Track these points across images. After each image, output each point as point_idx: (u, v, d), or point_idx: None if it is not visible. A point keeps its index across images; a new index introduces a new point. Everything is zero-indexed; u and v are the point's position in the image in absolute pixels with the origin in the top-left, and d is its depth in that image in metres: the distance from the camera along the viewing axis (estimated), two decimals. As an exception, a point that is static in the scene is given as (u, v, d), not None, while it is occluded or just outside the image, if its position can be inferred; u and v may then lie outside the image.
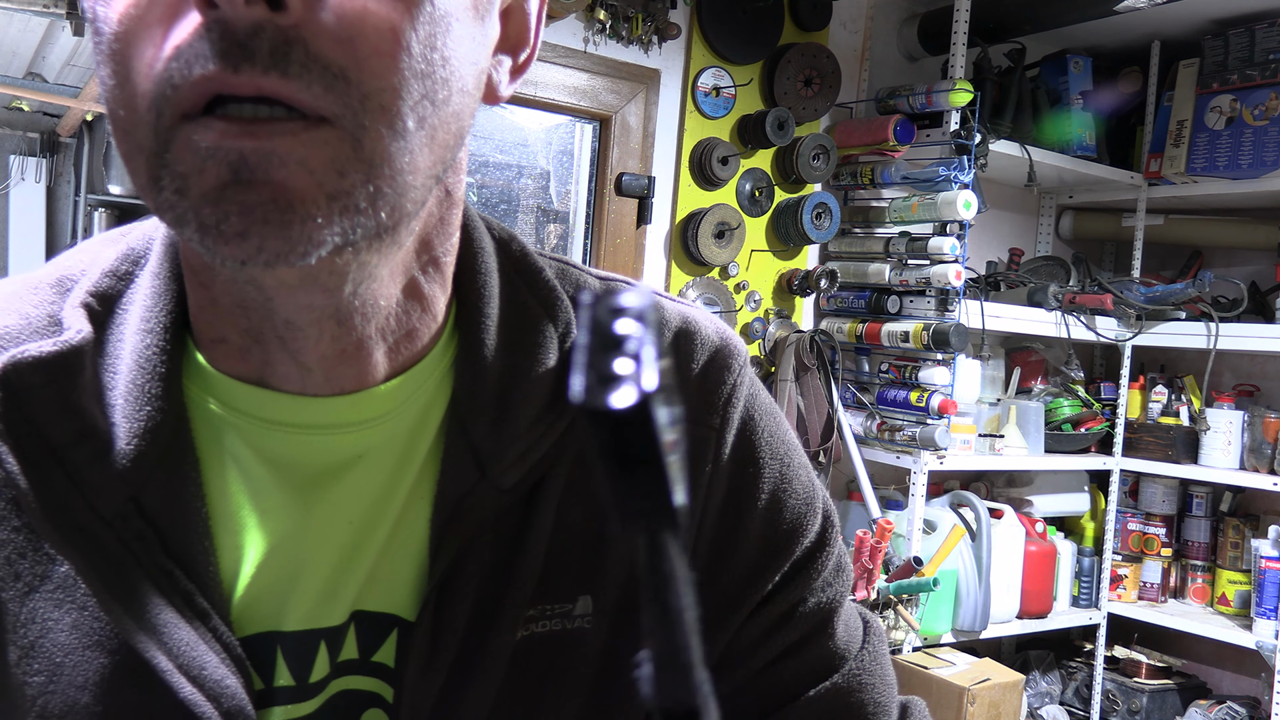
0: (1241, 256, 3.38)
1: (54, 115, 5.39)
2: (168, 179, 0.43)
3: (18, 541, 0.51)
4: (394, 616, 0.56)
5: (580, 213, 2.72)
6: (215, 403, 0.54)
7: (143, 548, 0.51)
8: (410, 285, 0.54)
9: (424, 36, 0.44)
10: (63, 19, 2.25)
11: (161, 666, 0.50)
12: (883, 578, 2.55)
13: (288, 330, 0.50)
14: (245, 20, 0.40)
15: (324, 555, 0.54)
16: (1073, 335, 3.05)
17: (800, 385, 2.77)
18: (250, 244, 0.42)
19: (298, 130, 0.42)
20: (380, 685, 0.56)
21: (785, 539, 0.63)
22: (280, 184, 0.42)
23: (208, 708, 0.50)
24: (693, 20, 2.68)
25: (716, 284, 2.77)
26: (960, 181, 2.64)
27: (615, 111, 2.61)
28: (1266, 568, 2.89)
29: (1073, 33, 3.11)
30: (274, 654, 0.54)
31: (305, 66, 0.41)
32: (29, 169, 5.50)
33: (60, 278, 0.56)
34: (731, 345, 0.64)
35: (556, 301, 0.59)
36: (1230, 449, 2.99)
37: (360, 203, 0.44)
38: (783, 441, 0.65)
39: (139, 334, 0.53)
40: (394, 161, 0.44)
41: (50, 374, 0.51)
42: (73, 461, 0.51)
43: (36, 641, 0.51)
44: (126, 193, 5.56)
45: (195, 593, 0.51)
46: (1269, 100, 2.98)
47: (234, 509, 0.54)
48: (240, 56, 0.40)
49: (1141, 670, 3.17)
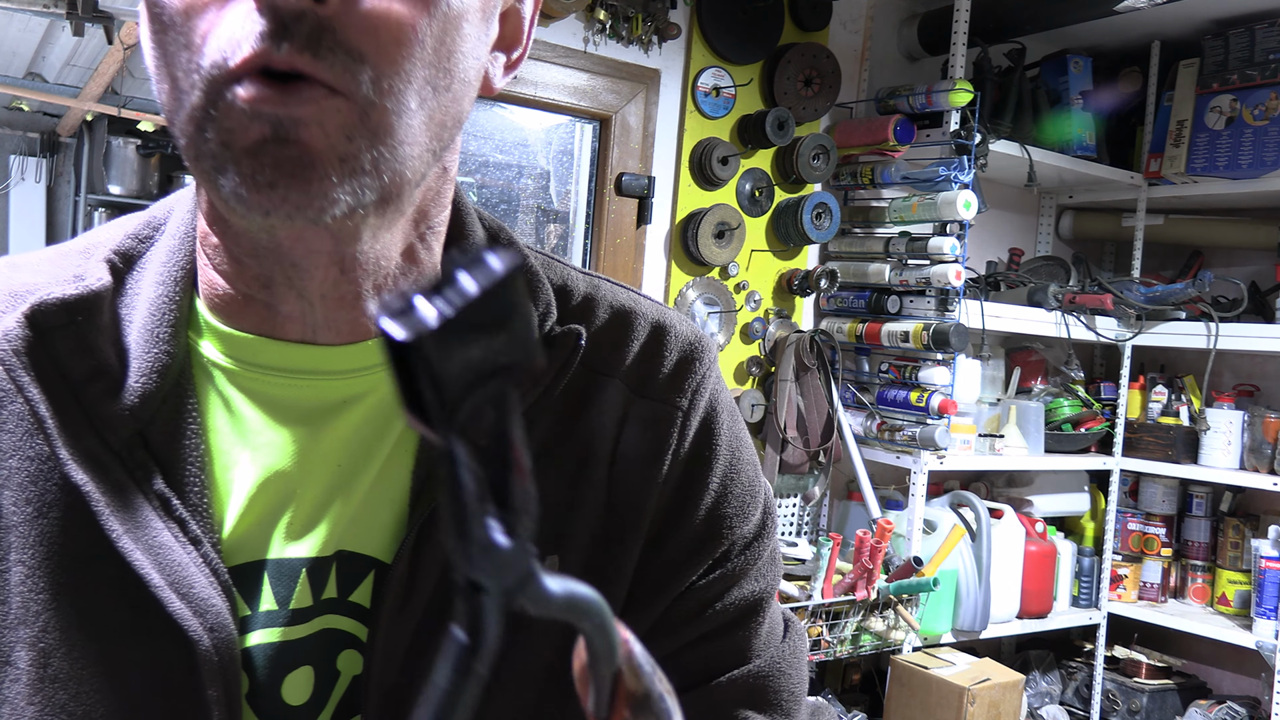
0: (1241, 256, 3.38)
1: (54, 115, 5.39)
2: (213, 131, 0.50)
3: (30, 469, 0.57)
4: (372, 559, 0.60)
5: (580, 213, 2.72)
6: (214, 350, 0.60)
7: (144, 476, 0.57)
8: (408, 250, 0.60)
9: (436, 32, 0.52)
10: (63, 19, 2.25)
11: (154, 582, 0.55)
12: (883, 578, 2.55)
13: (294, 271, 0.57)
14: (290, 7, 0.48)
15: (309, 492, 0.60)
16: (1073, 335, 3.06)
17: (800, 385, 2.77)
18: (277, 194, 0.49)
19: (319, 98, 0.49)
20: (356, 626, 0.60)
21: (728, 522, 0.68)
22: (305, 143, 0.49)
23: (194, 622, 0.55)
24: (693, 20, 2.68)
25: (716, 284, 2.77)
26: (960, 181, 2.64)
27: (615, 111, 2.61)
28: (1266, 568, 2.89)
29: (1073, 33, 3.12)
30: (259, 581, 0.59)
31: (332, 50, 0.49)
32: (29, 169, 5.50)
33: (87, 245, 0.64)
34: (703, 342, 0.70)
35: (539, 285, 0.65)
36: (1230, 449, 2.99)
37: (365, 165, 0.51)
38: (737, 436, 0.70)
39: (153, 285, 0.60)
40: (395, 134, 0.51)
41: (71, 315, 0.57)
42: (87, 396, 0.57)
43: (42, 562, 0.56)
44: (126, 193, 5.56)
45: (190, 520, 0.57)
46: (1269, 100, 2.98)
47: (227, 447, 0.60)
48: (282, 35, 0.48)
49: (1141, 670, 3.17)
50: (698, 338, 0.70)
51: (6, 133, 5.14)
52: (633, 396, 0.66)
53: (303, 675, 0.60)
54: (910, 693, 2.61)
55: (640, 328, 0.68)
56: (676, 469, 0.66)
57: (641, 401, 0.66)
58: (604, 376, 0.65)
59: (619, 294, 0.69)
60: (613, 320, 0.67)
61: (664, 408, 0.66)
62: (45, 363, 0.56)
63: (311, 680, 0.60)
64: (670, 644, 0.66)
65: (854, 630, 2.55)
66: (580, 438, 0.64)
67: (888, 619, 2.58)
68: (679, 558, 0.66)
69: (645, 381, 0.66)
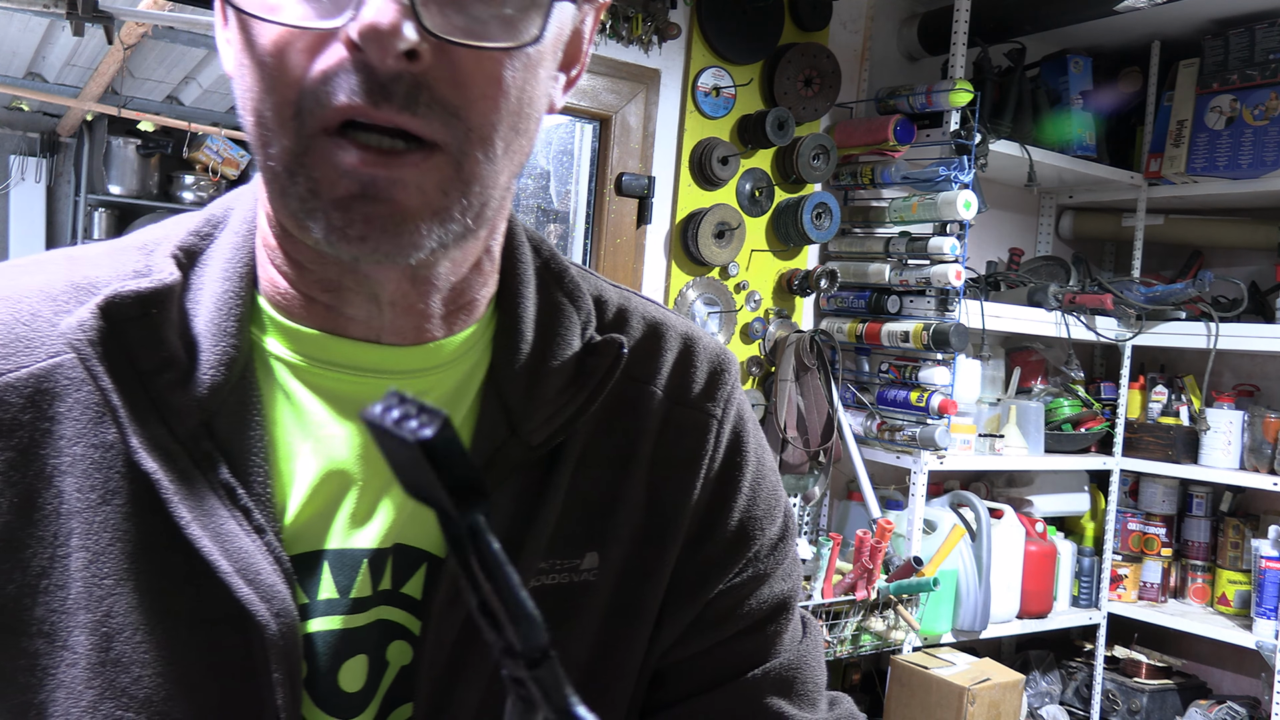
0: (1241, 256, 3.38)
1: (54, 115, 5.39)
2: (303, 179, 0.53)
3: (94, 457, 0.58)
4: (425, 552, 0.63)
5: (580, 213, 2.72)
6: (280, 346, 0.62)
7: (210, 466, 0.58)
8: (476, 263, 0.64)
9: (518, 81, 0.54)
10: (63, 19, 2.25)
11: (222, 569, 0.56)
12: (883, 578, 2.55)
13: (367, 281, 0.60)
14: (388, 69, 0.50)
15: (370, 485, 0.62)
16: (1073, 335, 3.06)
17: (800, 385, 2.77)
18: (368, 245, 0.53)
19: (419, 161, 0.52)
20: (407, 618, 0.62)
21: (759, 524, 0.72)
22: (399, 203, 0.52)
23: (261, 608, 0.56)
24: (693, 20, 2.68)
25: (716, 284, 2.77)
26: (960, 181, 2.64)
27: (615, 111, 2.61)
28: (1266, 568, 2.89)
29: (1073, 33, 3.11)
30: (319, 570, 0.61)
31: (429, 106, 0.52)
32: (29, 169, 5.50)
33: (146, 242, 0.65)
34: (729, 357, 0.76)
35: (580, 297, 0.69)
36: (1230, 449, 2.99)
37: (455, 214, 0.54)
38: (761, 443, 0.75)
39: (218, 281, 0.61)
40: (484, 180, 0.55)
41: (144, 307, 0.59)
42: (156, 386, 0.58)
43: (106, 548, 0.57)
44: (126, 193, 5.56)
45: (254, 509, 0.58)
46: (1269, 100, 2.98)
47: (289, 439, 0.62)
48: (381, 96, 0.51)
49: (1141, 670, 3.17)
50: (723, 350, 0.75)
51: (6, 133, 5.13)
52: (670, 404, 0.70)
53: (358, 663, 0.61)
54: (910, 693, 2.61)
55: (672, 340, 0.72)
56: (713, 473, 0.71)
57: (678, 409, 0.70)
58: (642, 384, 0.69)
59: (649, 307, 0.74)
60: (647, 332, 0.72)
61: (700, 415, 0.71)
62: (117, 353, 0.58)
63: (365, 668, 0.61)
64: (705, 641, 0.70)
65: (854, 630, 2.55)
66: (621, 441, 0.67)
67: (888, 619, 2.58)
68: (715, 558, 0.70)
69: (682, 390, 0.71)
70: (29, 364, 0.59)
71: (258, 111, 0.54)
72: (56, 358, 0.59)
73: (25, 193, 5.18)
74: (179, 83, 4.56)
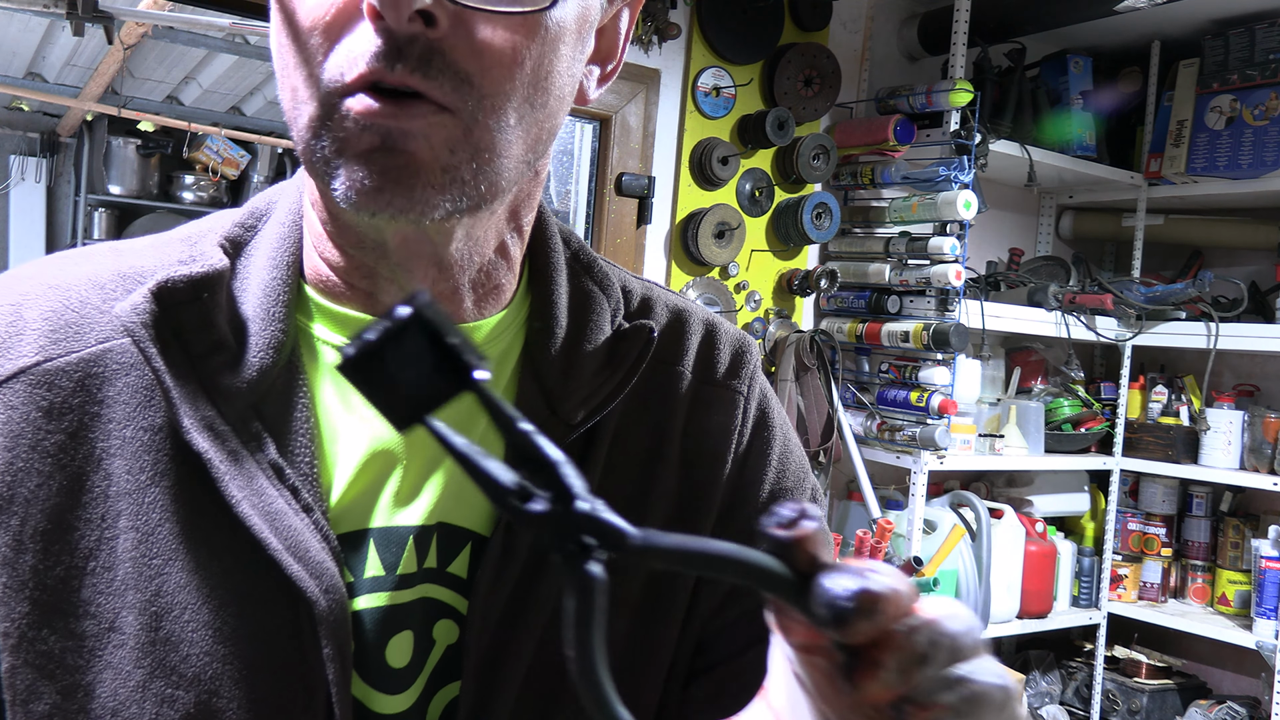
0: (1241, 256, 3.38)
1: (54, 115, 5.40)
2: (328, 139, 0.55)
3: (144, 439, 0.60)
4: (470, 531, 0.64)
5: (580, 213, 2.72)
6: (327, 330, 0.64)
7: (258, 446, 0.60)
8: (500, 246, 0.65)
9: (536, 55, 0.56)
10: (63, 19, 2.25)
11: (273, 546, 0.57)
12: (883, 578, 2.55)
13: (398, 270, 0.62)
14: (405, 31, 0.52)
15: (414, 464, 0.63)
16: (1073, 335, 3.06)
17: (800, 385, 2.78)
18: (383, 197, 0.54)
19: (427, 114, 0.54)
20: (453, 597, 0.63)
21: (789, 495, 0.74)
22: (411, 153, 0.54)
23: (311, 584, 0.57)
24: (693, 20, 2.68)
25: (716, 284, 2.77)
26: (960, 181, 2.64)
27: (615, 111, 2.61)
28: (1266, 568, 2.89)
29: (1073, 33, 3.11)
30: (365, 548, 0.62)
31: (441, 71, 0.53)
32: (29, 169, 5.50)
33: (187, 235, 0.67)
34: (750, 340, 0.79)
35: (610, 286, 0.72)
36: (1230, 449, 2.99)
37: (465, 176, 0.56)
38: (784, 420, 0.78)
39: (265, 269, 0.63)
40: (495, 147, 0.56)
41: (195, 292, 0.61)
42: (206, 369, 0.60)
43: (156, 528, 0.59)
44: (126, 193, 5.56)
45: (302, 488, 0.60)
46: (1269, 100, 2.98)
47: (335, 421, 0.63)
48: (396, 58, 0.53)
49: (1141, 670, 3.17)
50: (743, 334, 0.79)
51: (6, 133, 5.14)
52: (698, 383, 0.73)
53: (404, 639, 0.62)
54: (910, 693, 2.61)
55: (695, 324, 0.75)
56: (742, 447, 0.73)
57: (705, 387, 0.73)
58: (670, 366, 0.72)
59: (670, 296, 0.77)
60: (671, 319, 0.75)
61: (727, 392, 0.74)
62: (169, 336, 0.59)
63: (411, 645, 0.62)
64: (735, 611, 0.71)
65: (854, 630, 2.55)
66: (653, 422, 0.70)
67: (888, 619, 2.58)
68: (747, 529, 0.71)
69: (708, 370, 0.74)
70: (79, 349, 0.60)
71: (292, 87, 0.56)
72: (106, 343, 0.61)
73: (25, 193, 5.18)
74: (179, 83, 4.57)
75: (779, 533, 0.42)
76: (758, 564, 0.41)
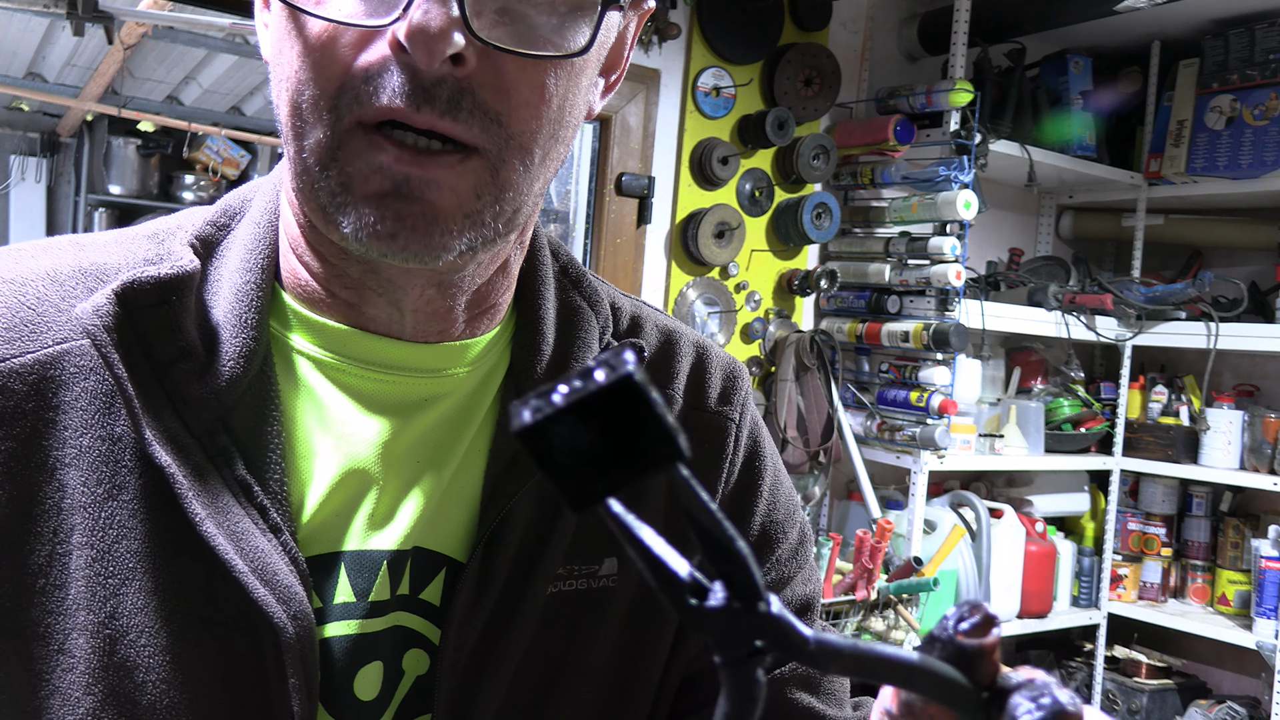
0: (1241, 256, 3.38)
1: (54, 115, 5.39)
2: (335, 173, 0.52)
3: (101, 450, 0.55)
4: (445, 556, 0.61)
5: (580, 213, 2.72)
6: (304, 341, 0.60)
7: (225, 461, 0.56)
8: (504, 264, 0.63)
9: (562, 90, 0.54)
10: (63, 19, 2.25)
11: (238, 568, 0.53)
12: (883, 578, 2.55)
13: (390, 287, 0.58)
14: (433, 73, 0.49)
15: (390, 486, 0.60)
16: (1073, 335, 3.05)
17: (800, 385, 2.77)
18: (397, 244, 0.52)
19: (454, 163, 0.52)
20: (424, 625, 0.60)
21: (780, 526, 0.73)
22: (431, 202, 0.51)
23: (278, 610, 0.53)
24: (693, 20, 2.68)
25: (716, 284, 2.77)
26: (960, 181, 2.64)
27: (615, 111, 2.61)
28: (1266, 568, 2.89)
29: (1073, 33, 3.11)
30: (336, 572, 0.58)
31: (471, 112, 0.51)
32: (29, 169, 5.49)
33: (154, 232, 0.63)
34: (741, 366, 0.77)
35: (599, 302, 0.69)
36: (1230, 449, 2.99)
37: (486, 219, 0.54)
38: (774, 449, 0.76)
39: (238, 272, 0.59)
40: (518, 187, 0.54)
41: (162, 295, 0.56)
42: (171, 378, 0.56)
43: (112, 546, 0.55)
44: (126, 193, 5.56)
45: (270, 508, 0.56)
46: (1269, 100, 2.98)
47: (308, 436, 0.59)
48: (423, 99, 0.50)
49: (1141, 670, 3.17)
50: (733, 360, 0.76)
51: (6, 133, 5.14)
52: (688, 409, 0.70)
53: (374, 670, 0.59)
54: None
55: (685, 348, 0.73)
56: (733, 478, 0.71)
57: (696, 414, 0.71)
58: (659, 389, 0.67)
59: (659, 316, 0.74)
60: (661, 340, 0.72)
61: (719, 419, 0.72)
62: (132, 341, 0.55)
63: (381, 676, 0.59)
64: None
65: (854, 630, 2.55)
66: None
67: (888, 619, 2.58)
68: None
69: (699, 396, 0.71)
70: (34, 349, 0.56)
71: (294, 101, 0.52)
72: (64, 344, 0.56)
73: (25, 193, 5.18)
74: (179, 83, 4.56)
75: (967, 642, 0.37)
76: (941, 675, 0.36)
